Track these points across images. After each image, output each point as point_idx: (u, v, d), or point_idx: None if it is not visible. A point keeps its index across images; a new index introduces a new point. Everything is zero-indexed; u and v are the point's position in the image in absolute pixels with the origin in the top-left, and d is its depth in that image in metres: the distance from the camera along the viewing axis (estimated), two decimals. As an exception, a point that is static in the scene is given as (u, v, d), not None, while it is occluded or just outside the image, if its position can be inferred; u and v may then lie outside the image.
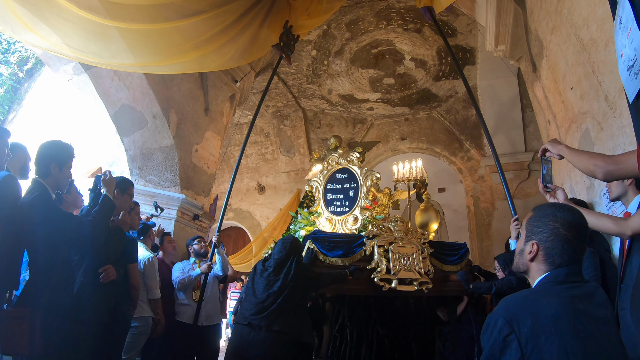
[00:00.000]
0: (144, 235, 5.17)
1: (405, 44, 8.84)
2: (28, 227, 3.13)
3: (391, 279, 4.99)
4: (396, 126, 11.67)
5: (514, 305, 1.63)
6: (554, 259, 1.71)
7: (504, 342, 1.53)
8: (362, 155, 6.16)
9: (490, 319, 1.62)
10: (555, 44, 4.78)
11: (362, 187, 5.87)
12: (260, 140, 12.22)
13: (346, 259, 5.10)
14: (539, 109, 6.09)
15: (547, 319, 1.52)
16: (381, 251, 5.16)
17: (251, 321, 4.05)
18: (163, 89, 6.56)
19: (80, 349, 3.34)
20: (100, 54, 4.73)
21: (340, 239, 5.30)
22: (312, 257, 5.04)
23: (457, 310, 5.48)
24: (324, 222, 5.95)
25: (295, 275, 4.15)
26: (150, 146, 6.69)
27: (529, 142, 9.70)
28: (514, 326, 1.53)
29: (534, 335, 1.49)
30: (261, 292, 4.15)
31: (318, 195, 6.16)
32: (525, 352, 1.49)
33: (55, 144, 3.44)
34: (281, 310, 4.02)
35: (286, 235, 4.77)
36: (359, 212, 5.76)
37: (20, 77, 8.92)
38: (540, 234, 1.76)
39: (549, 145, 2.43)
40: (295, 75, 9.89)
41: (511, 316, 1.56)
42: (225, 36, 5.40)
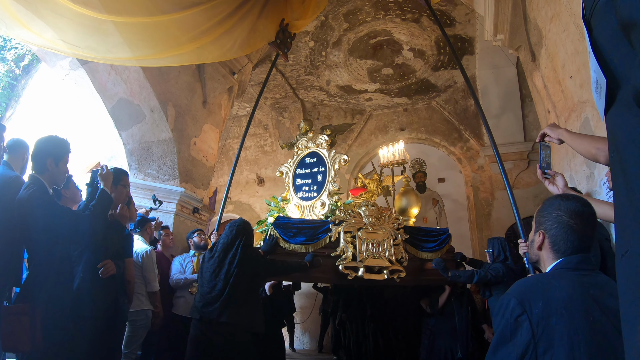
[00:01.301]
0: (140, 228, 5.16)
1: (404, 34, 8.79)
2: (25, 223, 3.13)
3: (357, 266, 4.79)
4: (395, 117, 11.64)
5: (526, 287, 1.65)
6: (560, 246, 1.73)
7: (515, 323, 1.54)
8: (332, 137, 5.97)
9: (503, 300, 1.63)
10: (554, 32, 4.75)
11: (329, 170, 5.66)
12: (259, 132, 12.18)
13: (309, 245, 4.91)
14: (538, 98, 6.06)
15: (558, 302, 1.54)
16: (348, 237, 4.95)
17: (202, 314, 3.88)
18: (160, 82, 6.53)
19: (80, 344, 3.35)
20: (96, 49, 4.70)
21: (305, 225, 5.10)
22: (272, 244, 4.85)
23: (439, 301, 5.31)
24: (292, 208, 5.79)
25: (241, 261, 3.90)
26: (148, 140, 6.67)
27: (528, 132, 9.68)
28: (526, 307, 1.54)
29: (545, 317, 1.51)
30: (208, 280, 3.96)
31: (288, 181, 6.02)
32: (536, 332, 1.50)
33: (50, 139, 3.43)
34: (229, 300, 3.80)
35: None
36: (326, 197, 5.56)
37: (17, 73, 8.86)
38: (546, 222, 1.80)
39: (548, 129, 2.35)
40: (294, 66, 9.84)
41: (523, 297, 1.58)
42: (222, 27, 5.36)
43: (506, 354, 1.54)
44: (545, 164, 2.42)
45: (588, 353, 1.45)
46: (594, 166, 4.29)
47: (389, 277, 4.82)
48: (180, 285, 5.43)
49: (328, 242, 4.95)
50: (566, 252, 1.72)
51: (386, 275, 4.80)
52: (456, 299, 5.24)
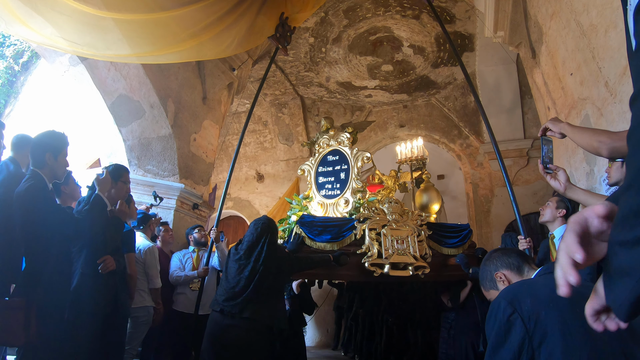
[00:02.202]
0: (143, 225, 5.17)
1: (404, 31, 8.77)
2: (23, 217, 3.13)
3: (383, 263, 4.81)
4: (395, 113, 11.64)
5: (513, 289, 1.74)
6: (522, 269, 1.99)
7: (508, 322, 1.60)
8: (353, 135, 5.94)
9: (493, 305, 1.70)
10: (554, 29, 4.76)
11: (352, 168, 5.65)
12: (259, 128, 12.18)
13: (335, 243, 4.91)
14: (538, 95, 6.07)
15: (544, 297, 1.61)
16: (373, 235, 4.95)
17: (223, 307, 3.89)
18: (160, 79, 6.53)
19: (81, 340, 3.36)
20: (95, 46, 4.69)
21: (330, 223, 5.10)
22: (299, 243, 4.85)
23: (460, 296, 5.28)
24: (315, 206, 5.78)
25: (267, 259, 3.93)
26: (148, 136, 6.67)
27: (528, 129, 9.68)
28: (516, 306, 1.60)
29: (534, 312, 1.57)
30: (233, 276, 3.97)
31: (310, 180, 6.00)
32: (529, 327, 1.55)
33: (48, 133, 3.44)
34: (252, 296, 3.83)
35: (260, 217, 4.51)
36: (350, 194, 5.56)
37: (16, 70, 8.85)
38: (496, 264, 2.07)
39: (549, 123, 2.32)
40: (293, 63, 9.83)
41: (511, 297, 1.65)
42: (221, 24, 5.36)
43: (504, 353, 1.59)
44: (547, 159, 2.37)
45: (580, 340, 1.50)
46: (593, 163, 4.29)
47: (414, 273, 4.84)
48: (181, 282, 5.43)
49: (353, 239, 4.96)
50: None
51: (411, 272, 4.83)
52: (478, 293, 5.13)
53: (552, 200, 3.75)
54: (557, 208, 3.69)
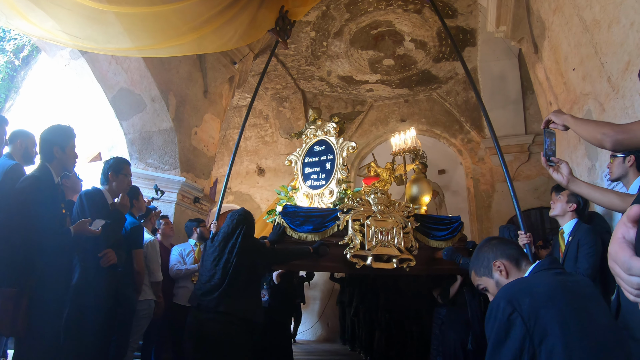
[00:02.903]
0: (144, 218, 5.16)
1: (405, 25, 8.75)
2: (16, 209, 3.14)
3: (366, 255, 4.67)
4: (396, 108, 11.63)
5: (511, 288, 1.74)
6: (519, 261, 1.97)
7: (508, 322, 1.60)
8: (340, 125, 5.82)
9: (492, 305, 1.70)
10: (557, 24, 4.74)
11: (338, 158, 5.51)
12: (260, 122, 12.17)
13: (317, 234, 4.79)
14: (540, 90, 6.05)
15: (542, 295, 1.64)
16: (356, 226, 4.81)
17: (200, 302, 3.85)
18: (161, 72, 6.51)
19: (82, 334, 3.36)
20: (96, 39, 4.67)
21: (313, 214, 4.99)
22: (280, 233, 4.75)
23: (450, 291, 5.14)
24: (301, 197, 5.67)
25: (241, 250, 3.85)
26: (149, 129, 6.66)
27: (529, 124, 9.67)
28: (515, 305, 1.61)
29: (534, 310, 1.58)
30: (208, 269, 3.92)
31: (297, 170, 5.91)
32: (529, 326, 1.56)
33: (54, 128, 3.47)
34: (227, 289, 3.76)
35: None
36: (335, 185, 5.41)
37: (17, 65, 8.84)
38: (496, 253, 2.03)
39: (552, 115, 2.30)
40: (294, 57, 9.82)
41: (510, 297, 1.65)
42: (222, 18, 5.34)
43: (505, 353, 1.59)
44: (550, 152, 2.34)
45: (579, 336, 1.53)
46: (595, 158, 4.29)
47: (399, 266, 4.71)
48: (181, 275, 5.43)
49: (336, 230, 4.85)
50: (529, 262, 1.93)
51: (395, 264, 4.71)
52: (468, 288, 5.01)
53: (562, 194, 3.72)
54: (567, 202, 3.67)
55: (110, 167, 3.85)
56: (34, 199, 3.11)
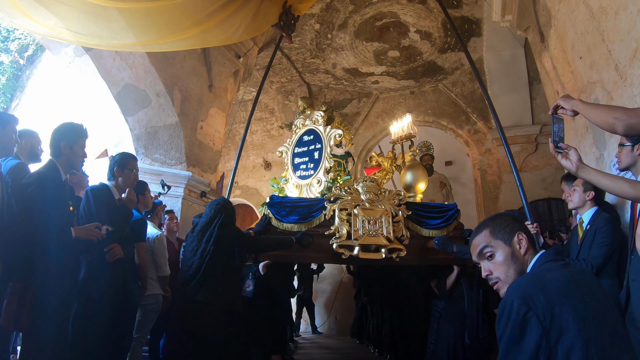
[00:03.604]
0: (151, 213, 5.18)
1: (410, 16, 8.69)
2: (21, 205, 3.16)
3: (352, 245, 4.56)
4: (402, 99, 11.57)
5: (524, 285, 1.65)
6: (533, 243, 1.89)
7: (523, 321, 1.54)
8: (328, 113, 5.76)
9: (504, 304, 1.62)
10: (563, 12, 4.68)
11: (325, 147, 5.45)
12: (265, 116, 12.16)
13: (303, 224, 4.71)
14: (547, 79, 5.99)
15: (556, 291, 1.57)
16: (344, 215, 4.69)
17: (180, 292, 3.88)
18: (166, 67, 6.52)
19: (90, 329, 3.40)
20: (99, 35, 4.70)
21: (299, 204, 4.91)
22: (265, 224, 4.73)
23: (447, 283, 4.92)
24: (291, 188, 5.64)
25: (218, 239, 3.85)
26: (155, 124, 6.67)
27: (536, 115, 9.60)
28: (530, 304, 1.54)
29: (549, 308, 1.52)
30: (187, 259, 3.94)
31: (287, 161, 5.86)
32: (545, 325, 1.51)
33: (64, 125, 3.53)
34: (204, 279, 3.77)
35: None
36: (322, 174, 5.36)
37: (22, 64, 8.89)
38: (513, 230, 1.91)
39: (561, 100, 2.25)
40: (299, 50, 9.78)
41: (524, 295, 1.58)
42: (226, 11, 5.32)
43: (520, 353, 1.53)
44: (558, 138, 2.28)
45: (594, 332, 1.50)
46: (603, 147, 4.24)
47: (387, 256, 4.57)
48: None
49: (323, 220, 4.77)
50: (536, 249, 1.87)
51: (384, 254, 4.57)
52: (466, 280, 4.84)
53: (577, 185, 3.67)
54: (585, 191, 3.61)
55: (116, 163, 3.87)
56: (38, 195, 3.14)
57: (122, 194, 3.82)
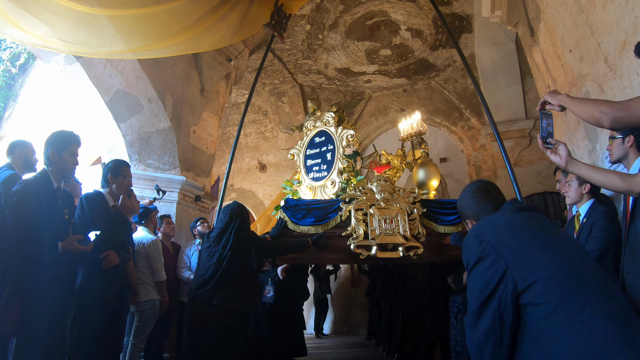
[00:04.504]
0: (145, 219, 5.17)
1: (400, 14, 8.69)
2: (11, 213, 3.16)
3: (370, 245, 4.53)
4: (395, 98, 11.58)
5: (478, 225, 1.99)
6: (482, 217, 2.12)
7: (478, 249, 1.81)
8: (339, 114, 5.71)
9: (464, 242, 1.95)
10: (552, 7, 4.70)
11: (338, 148, 5.40)
12: (259, 118, 12.15)
13: (319, 226, 4.69)
14: (538, 73, 6.01)
15: (503, 224, 1.90)
16: (359, 215, 4.67)
17: (194, 296, 3.87)
18: (157, 72, 6.50)
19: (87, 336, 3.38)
20: (89, 43, 4.69)
21: (314, 206, 4.88)
22: (281, 228, 4.71)
23: (463, 277, 4.77)
24: (305, 190, 5.59)
25: (235, 244, 3.87)
26: (147, 130, 6.65)
27: (530, 109, 9.62)
28: (482, 237, 1.84)
29: (497, 236, 1.81)
30: (203, 264, 3.95)
31: (299, 163, 5.82)
32: (497, 249, 1.76)
33: (55, 132, 3.51)
34: (220, 283, 3.78)
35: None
36: (336, 175, 5.30)
37: (14, 73, 8.83)
38: (466, 212, 2.34)
39: (548, 96, 2.25)
40: (291, 51, 9.77)
41: (477, 232, 1.89)
42: (215, 15, 5.32)
43: (480, 270, 1.80)
44: (547, 133, 2.28)
45: (541, 248, 1.76)
46: (595, 140, 4.26)
47: (405, 254, 4.55)
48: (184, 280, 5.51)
49: (339, 221, 4.74)
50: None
51: (401, 253, 4.54)
52: None
53: (571, 179, 3.64)
54: (580, 185, 3.59)
55: (109, 170, 3.86)
56: (26, 201, 3.12)
57: (116, 200, 3.81)
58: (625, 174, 2.35)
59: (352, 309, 10.57)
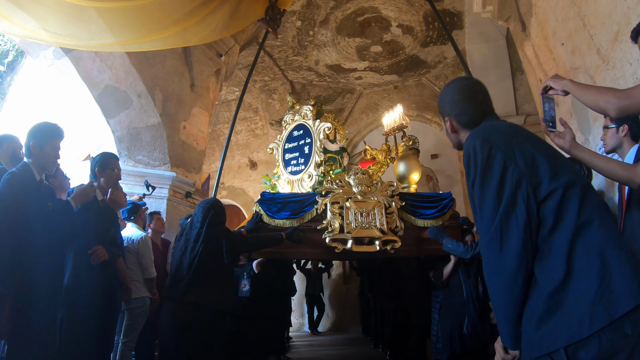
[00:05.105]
0: (134, 215, 5.10)
1: (391, 11, 8.68)
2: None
3: (346, 238, 4.52)
4: (385, 94, 11.57)
5: (481, 130, 1.82)
6: (464, 119, 2.00)
7: (489, 157, 1.66)
8: (317, 107, 5.71)
9: (467, 149, 1.75)
10: (544, 0, 4.69)
11: (315, 141, 5.40)
12: (249, 116, 12.10)
13: (294, 219, 4.66)
14: (529, 68, 6.00)
15: (508, 130, 1.78)
16: (336, 209, 4.65)
17: (168, 293, 3.85)
18: (146, 67, 6.44)
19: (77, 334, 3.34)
20: (78, 36, 4.64)
21: (291, 199, 4.86)
22: (257, 221, 4.67)
23: (444, 273, 4.82)
24: (283, 184, 5.59)
25: (207, 239, 3.83)
26: (137, 126, 6.58)
27: (520, 105, 9.62)
28: (491, 142, 1.69)
29: (507, 142, 1.68)
30: (176, 260, 3.92)
31: (278, 157, 5.81)
32: (509, 154, 1.64)
33: (38, 124, 3.44)
34: (193, 279, 3.73)
35: None
36: (313, 168, 5.30)
37: (2, 70, 8.73)
38: (445, 109, 2.08)
39: (551, 81, 2.18)
40: (281, 47, 9.73)
41: (484, 136, 1.73)
42: (205, 9, 5.27)
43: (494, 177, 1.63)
44: (549, 117, 2.20)
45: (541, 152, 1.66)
46: (588, 132, 4.25)
47: (382, 248, 4.53)
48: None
49: (315, 214, 4.72)
50: (475, 122, 1.96)
51: (378, 247, 4.52)
52: (463, 269, 4.74)
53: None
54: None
55: (97, 163, 3.81)
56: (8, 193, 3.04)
57: (105, 195, 3.75)
58: (626, 164, 2.34)
59: (346, 306, 10.56)
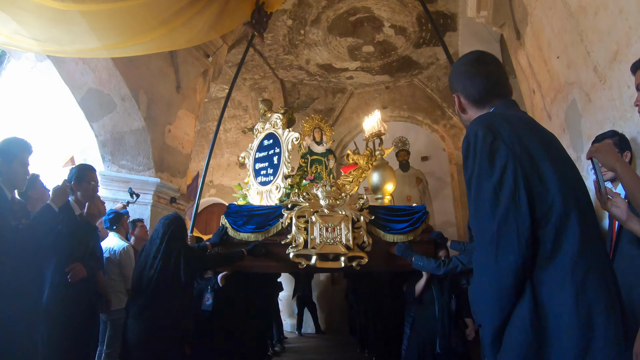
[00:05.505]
0: (116, 224, 5.00)
1: (384, 11, 8.56)
2: None
3: (310, 254, 4.46)
4: (377, 95, 11.47)
5: (488, 117, 1.63)
6: (474, 96, 1.79)
7: (491, 149, 1.50)
8: (287, 116, 5.59)
9: (468, 136, 1.58)
10: (540, 9, 4.59)
11: (283, 152, 5.29)
12: (239, 114, 11.95)
13: (259, 233, 4.64)
14: (522, 76, 5.91)
15: (520, 123, 1.58)
16: (301, 223, 4.60)
17: (128, 309, 3.81)
18: (130, 69, 6.28)
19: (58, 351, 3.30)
20: (59, 40, 4.53)
21: (257, 212, 4.81)
22: (221, 234, 4.66)
23: (416, 288, 4.69)
24: (253, 195, 5.49)
25: (165, 255, 3.80)
26: (120, 130, 6.43)
27: (511, 109, 9.58)
28: (496, 133, 1.52)
29: (516, 137, 1.51)
30: (136, 274, 3.88)
31: (249, 166, 5.73)
32: (515, 152, 1.48)
33: (3, 140, 3.28)
34: (151, 295, 3.70)
35: None
36: (281, 180, 5.21)
37: (-15, 72, 8.52)
38: (454, 84, 1.89)
39: (598, 155, 2.07)
40: (272, 46, 9.58)
41: (489, 125, 1.55)
42: (192, 9, 5.17)
43: (491, 177, 1.48)
44: (603, 184, 2.08)
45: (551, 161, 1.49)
46: (580, 150, 4.16)
47: (347, 264, 4.46)
48: None
49: (280, 228, 4.67)
50: (484, 98, 1.76)
51: (343, 263, 4.45)
52: (437, 285, 4.63)
53: None
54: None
55: (73, 177, 3.71)
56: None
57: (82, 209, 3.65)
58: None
59: (333, 307, 10.49)
